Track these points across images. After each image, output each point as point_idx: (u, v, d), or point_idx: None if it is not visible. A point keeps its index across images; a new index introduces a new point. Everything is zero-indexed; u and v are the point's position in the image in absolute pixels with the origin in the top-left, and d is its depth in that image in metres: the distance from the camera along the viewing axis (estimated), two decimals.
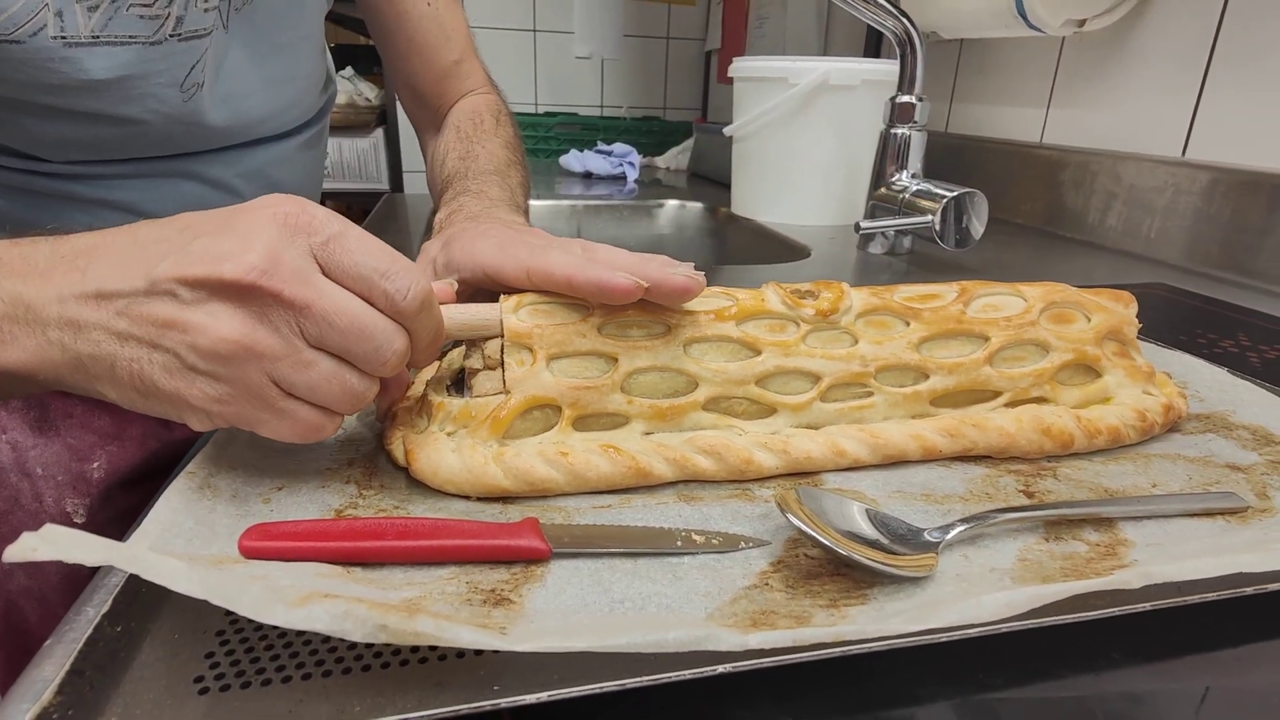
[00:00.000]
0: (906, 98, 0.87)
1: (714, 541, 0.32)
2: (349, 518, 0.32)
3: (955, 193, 0.79)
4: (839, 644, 0.25)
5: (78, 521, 0.49)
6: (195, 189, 0.57)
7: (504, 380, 0.36)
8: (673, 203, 1.34)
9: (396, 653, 0.25)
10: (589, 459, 0.35)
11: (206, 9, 0.49)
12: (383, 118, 2.14)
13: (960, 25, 1.07)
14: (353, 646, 0.26)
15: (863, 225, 0.85)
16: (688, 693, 0.26)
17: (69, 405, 0.51)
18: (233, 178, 0.59)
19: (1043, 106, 1.08)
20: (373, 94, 2.11)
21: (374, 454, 0.38)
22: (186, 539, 0.29)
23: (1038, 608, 0.26)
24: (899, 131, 0.88)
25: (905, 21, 0.84)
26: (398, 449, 0.36)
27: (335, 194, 2.08)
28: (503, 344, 0.36)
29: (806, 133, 1.05)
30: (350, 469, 0.36)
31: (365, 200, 2.03)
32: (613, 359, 0.36)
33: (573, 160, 1.71)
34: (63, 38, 0.43)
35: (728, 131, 1.14)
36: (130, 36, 0.46)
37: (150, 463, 0.54)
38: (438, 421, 0.36)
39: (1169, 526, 0.34)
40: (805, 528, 0.29)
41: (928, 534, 0.31)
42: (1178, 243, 0.87)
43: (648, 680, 0.24)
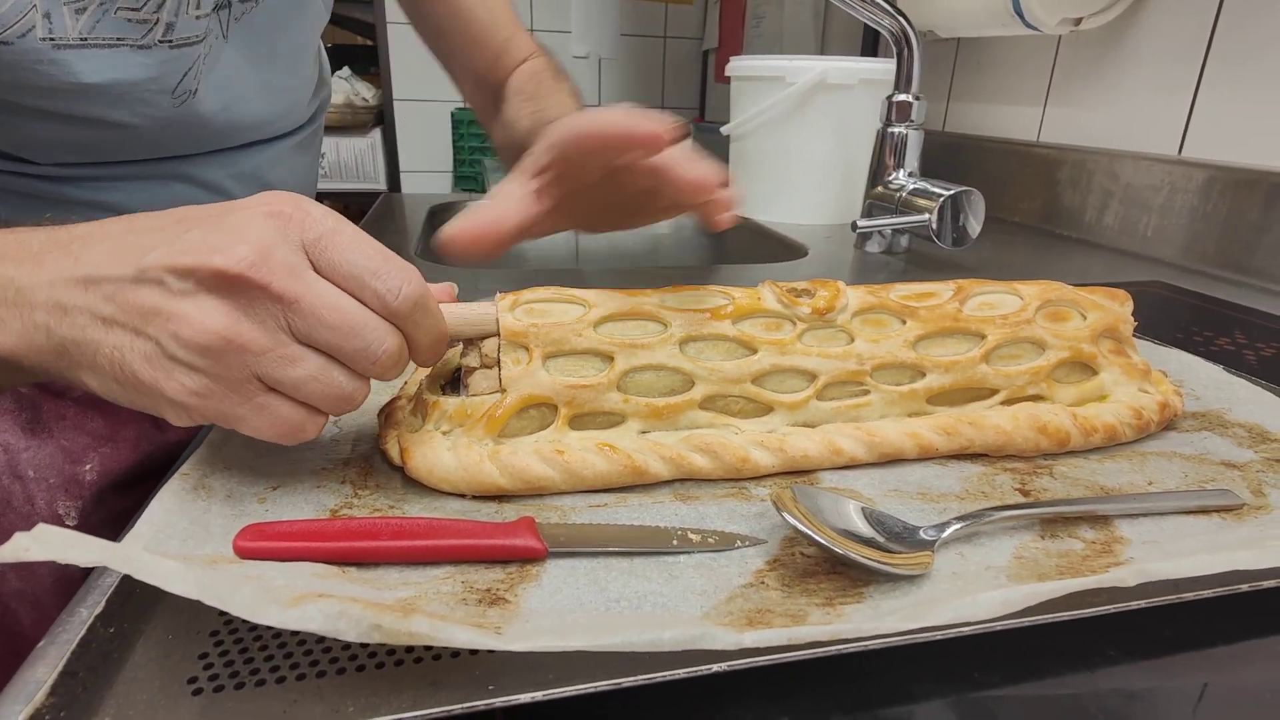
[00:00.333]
0: (903, 96, 0.87)
1: (710, 540, 0.32)
2: (344, 517, 0.32)
3: (952, 191, 0.79)
4: (835, 642, 0.25)
5: (70, 524, 0.49)
6: (186, 191, 0.57)
7: (500, 379, 0.36)
8: None
9: (391, 653, 0.25)
10: (585, 457, 0.35)
11: (199, 16, 0.49)
12: (380, 118, 2.14)
13: (957, 24, 1.07)
14: (347, 646, 0.26)
15: (860, 224, 0.85)
16: (683, 691, 0.26)
17: (61, 407, 0.51)
18: (225, 179, 0.59)
19: (1039, 105, 1.08)
20: (370, 94, 2.10)
21: (370, 453, 0.38)
22: (181, 540, 0.29)
23: (1033, 605, 0.26)
24: (896, 130, 0.88)
25: (902, 20, 0.84)
26: (393, 448, 0.36)
27: (332, 194, 2.08)
28: (499, 343, 0.36)
29: (804, 132, 1.05)
30: (346, 468, 0.36)
31: (363, 200, 2.03)
32: (609, 358, 0.36)
33: None
34: (51, 39, 0.43)
35: (725, 130, 1.14)
36: (118, 39, 0.45)
37: (144, 465, 0.54)
38: (433, 420, 0.36)
39: (1165, 524, 0.34)
40: (801, 526, 0.29)
41: (923, 532, 0.31)
42: (1174, 241, 0.87)
43: (643, 679, 0.24)
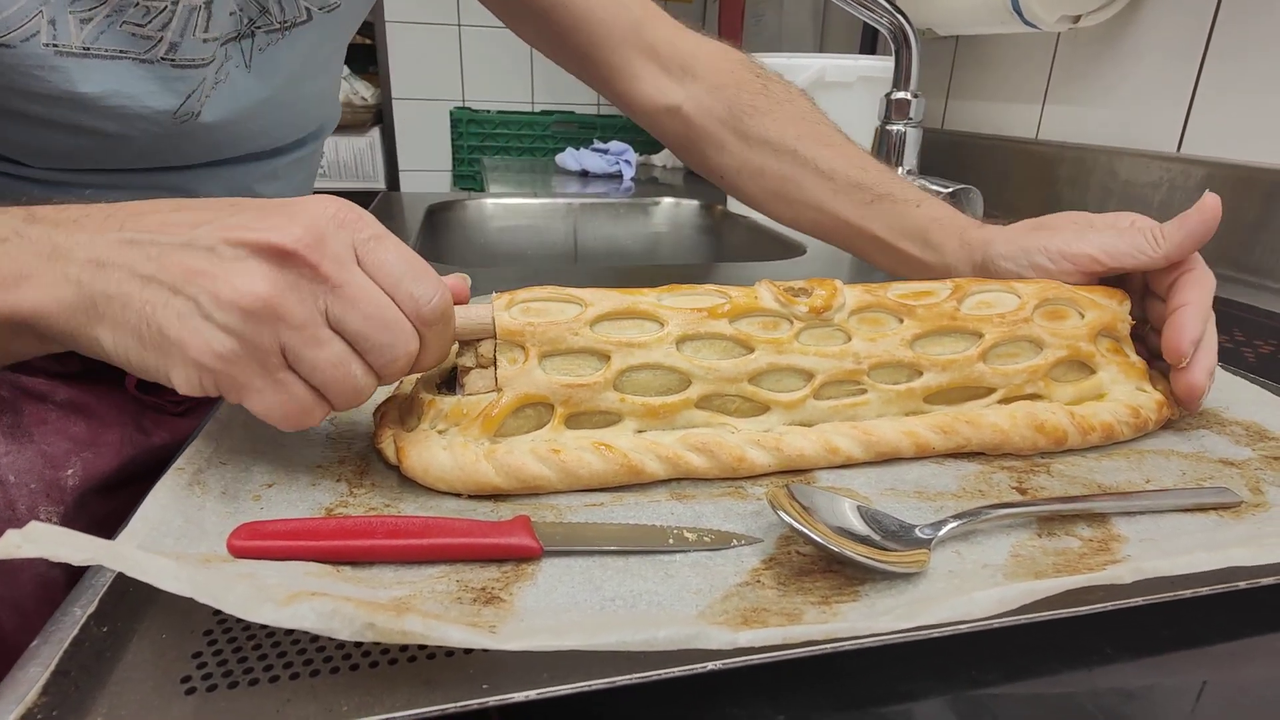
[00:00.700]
0: (902, 94, 0.87)
1: (706, 539, 0.31)
2: (339, 516, 0.32)
3: (951, 189, 0.79)
4: (830, 641, 0.25)
5: None
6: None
7: (496, 378, 0.35)
8: (668, 200, 1.33)
9: (385, 652, 0.25)
10: (581, 456, 0.35)
11: (206, 40, 0.48)
12: (379, 117, 2.14)
13: (956, 22, 1.07)
14: (341, 646, 0.25)
15: None
16: (679, 690, 0.25)
17: (43, 411, 0.51)
18: (219, 192, 0.58)
19: (1038, 103, 1.08)
20: (369, 93, 2.10)
21: (366, 452, 0.38)
22: (175, 538, 0.29)
23: (1030, 604, 0.26)
24: (894, 128, 0.88)
25: (900, 18, 0.84)
26: (388, 447, 0.36)
27: (331, 193, 2.07)
28: (495, 342, 0.36)
29: None
30: (342, 467, 0.36)
31: (362, 199, 2.02)
32: (605, 357, 0.36)
33: (569, 158, 1.71)
34: (54, 46, 0.43)
35: None
36: (121, 51, 0.45)
37: (126, 469, 0.53)
38: (429, 419, 0.36)
39: (1162, 522, 0.34)
40: (797, 524, 0.29)
41: (920, 530, 0.31)
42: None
43: (638, 678, 0.24)
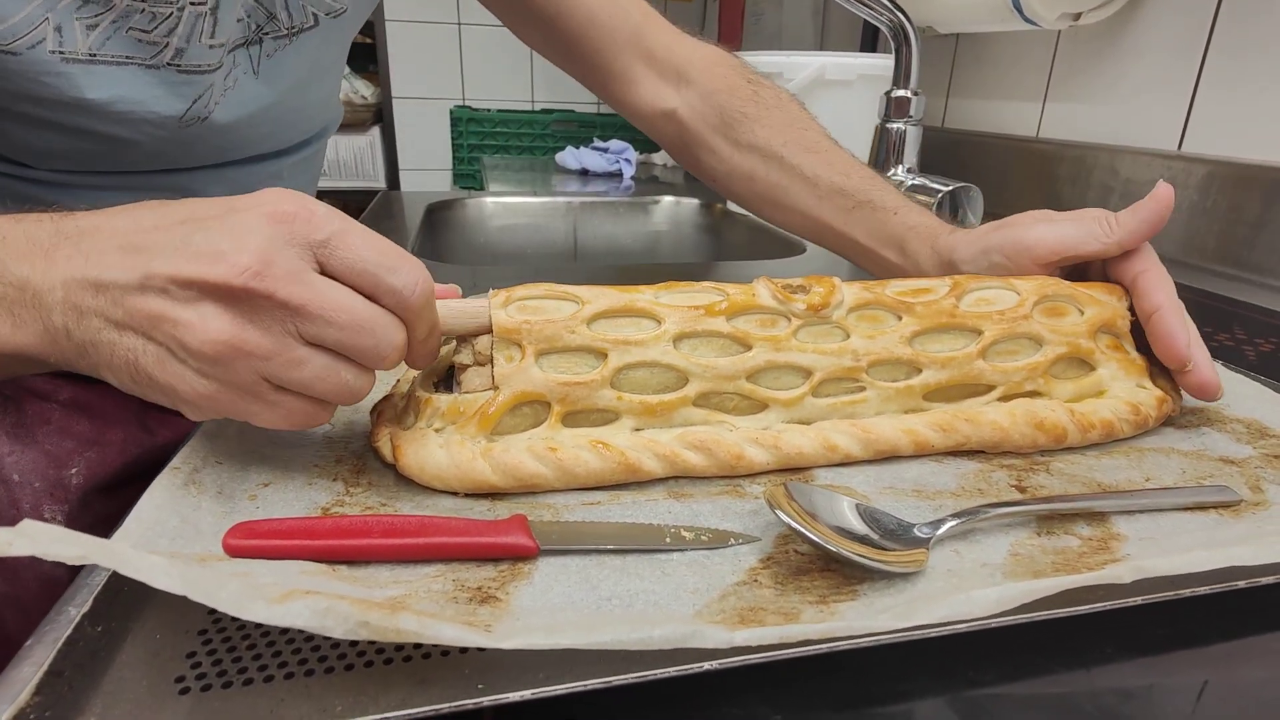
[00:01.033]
0: (902, 92, 0.86)
1: (703, 538, 0.31)
2: (335, 515, 0.32)
3: (951, 187, 0.79)
4: (828, 640, 0.25)
5: None
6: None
7: (493, 376, 0.35)
8: (668, 199, 1.33)
9: (380, 651, 0.25)
10: (578, 455, 0.35)
11: (212, 46, 0.48)
12: (379, 116, 2.14)
13: (956, 19, 1.07)
14: (336, 645, 0.25)
15: None
16: (675, 691, 0.25)
17: (47, 411, 0.51)
18: (224, 193, 0.58)
19: (1039, 101, 1.07)
20: (369, 92, 2.10)
21: (362, 451, 0.38)
22: (170, 538, 0.29)
23: (1029, 603, 0.26)
24: (894, 126, 0.87)
25: (901, 16, 0.84)
26: (385, 446, 0.36)
27: (331, 192, 2.08)
28: (492, 339, 0.36)
29: None
30: (338, 466, 0.36)
31: (362, 198, 2.02)
32: (602, 355, 0.36)
33: (569, 157, 1.70)
34: (60, 53, 0.43)
35: None
36: (127, 57, 0.45)
37: (130, 468, 0.54)
38: (425, 418, 0.35)
39: (1162, 520, 0.33)
40: (794, 524, 0.28)
41: (918, 529, 0.31)
42: (1174, 236, 0.87)
43: (633, 678, 0.24)
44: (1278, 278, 0.77)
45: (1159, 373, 0.44)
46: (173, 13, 0.45)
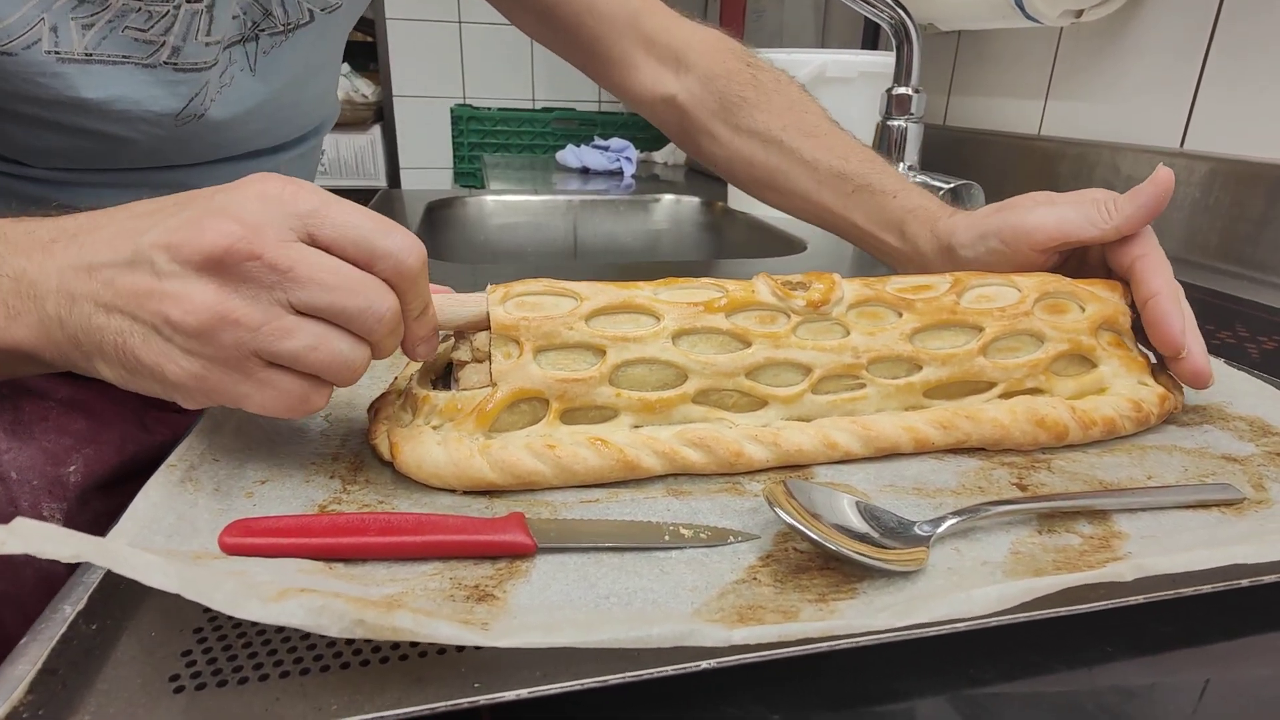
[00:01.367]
0: (903, 89, 0.86)
1: (702, 536, 0.31)
2: (332, 513, 0.32)
3: (952, 185, 0.79)
4: (827, 639, 0.25)
5: None
6: None
7: (490, 373, 0.35)
8: (669, 197, 1.33)
9: (376, 650, 0.25)
10: (577, 452, 0.34)
11: (208, 44, 0.48)
12: (379, 114, 2.14)
13: (958, 17, 1.07)
14: (332, 644, 0.25)
15: None
16: (673, 689, 0.25)
17: (44, 408, 0.51)
18: None
19: (1041, 98, 1.07)
20: (370, 91, 2.10)
21: (359, 448, 0.38)
22: (166, 535, 0.29)
23: (1030, 601, 0.26)
24: (896, 124, 0.87)
25: (902, 13, 0.84)
26: (382, 443, 0.36)
27: (332, 191, 2.07)
28: (490, 336, 0.35)
29: None
30: (335, 463, 0.36)
31: (362, 197, 2.02)
32: (601, 351, 0.36)
33: (570, 155, 1.70)
34: (56, 53, 0.43)
35: None
36: (124, 56, 0.45)
37: (128, 466, 0.53)
38: (423, 415, 0.35)
39: (1164, 519, 0.33)
40: (794, 522, 0.28)
41: (918, 527, 0.31)
42: (1176, 234, 0.87)
43: (631, 677, 0.24)
44: None
45: (1160, 370, 0.44)
46: (168, 11, 0.45)
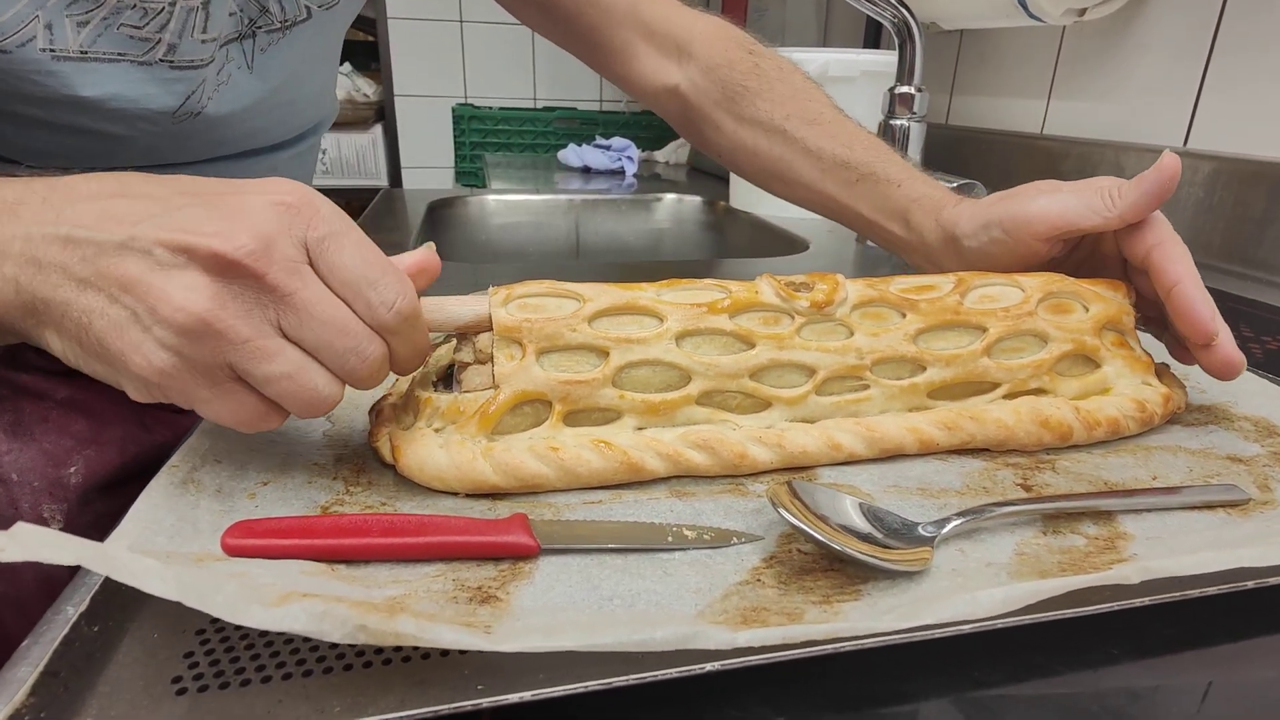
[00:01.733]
0: (905, 88, 0.86)
1: (706, 537, 0.31)
2: (334, 514, 0.32)
3: (954, 184, 0.78)
4: (831, 641, 0.25)
5: (55, 528, 0.48)
6: None
7: (493, 375, 0.35)
8: (671, 197, 1.33)
9: (379, 652, 0.25)
10: (580, 454, 0.34)
11: (205, 41, 0.48)
12: (381, 114, 2.14)
13: (960, 15, 1.06)
14: (335, 646, 0.25)
15: None
16: (676, 692, 0.25)
17: (44, 409, 0.51)
18: None
19: (1044, 97, 1.07)
20: (371, 90, 2.10)
21: (363, 450, 0.38)
22: (168, 536, 0.29)
23: (1035, 603, 0.26)
24: (898, 123, 0.87)
25: (905, 12, 0.84)
26: (384, 446, 0.35)
27: (333, 190, 2.08)
28: (492, 338, 0.35)
29: None
30: (338, 465, 0.36)
31: (364, 196, 2.02)
32: (604, 353, 0.36)
33: (571, 155, 1.70)
34: (51, 50, 0.42)
35: None
36: (119, 54, 0.45)
37: (129, 467, 0.53)
38: (425, 417, 0.35)
39: (1169, 519, 0.33)
40: (797, 522, 0.28)
41: (923, 528, 0.31)
42: (1180, 233, 0.86)
43: (634, 680, 0.24)
44: None
45: (1165, 370, 0.44)
46: (164, 8, 0.45)
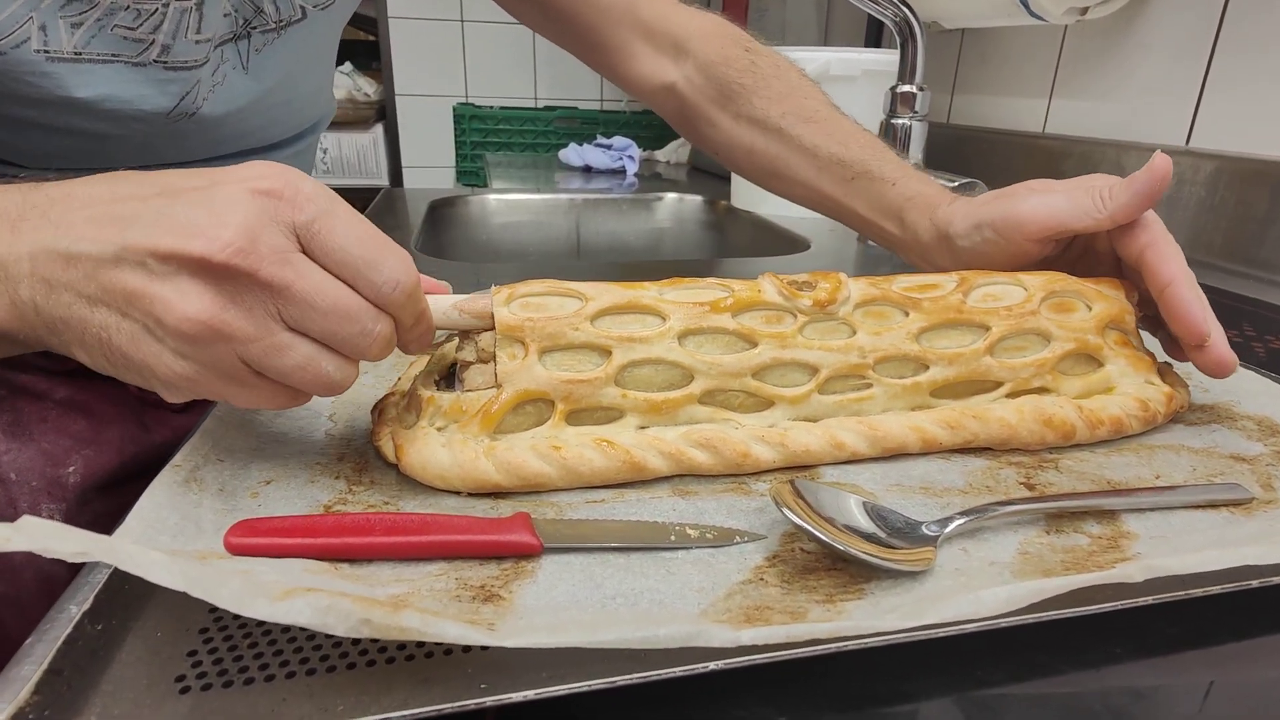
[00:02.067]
0: (907, 87, 0.86)
1: (708, 536, 0.31)
2: (337, 513, 0.32)
3: (955, 183, 0.78)
4: (834, 640, 0.25)
5: None
6: None
7: (496, 374, 0.35)
8: (672, 196, 1.33)
9: (383, 650, 0.25)
10: (582, 453, 0.34)
11: (198, 41, 0.48)
12: (382, 113, 2.14)
13: (962, 14, 1.06)
14: (338, 645, 0.25)
15: None
16: (679, 691, 0.25)
17: (43, 409, 0.51)
18: None
19: (1045, 96, 1.07)
20: (372, 89, 2.10)
21: (365, 449, 0.38)
22: (171, 535, 0.29)
23: (1038, 602, 0.26)
24: (900, 122, 0.87)
25: (906, 11, 0.84)
26: (387, 445, 0.35)
27: (334, 190, 2.07)
28: (495, 337, 0.35)
29: None
30: (340, 464, 0.36)
31: (365, 196, 2.02)
32: (606, 352, 0.36)
33: (572, 154, 1.70)
34: (45, 52, 0.42)
35: None
36: (114, 55, 0.45)
37: (128, 467, 0.53)
38: (427, 417, 0.35)
39: (1172, 518, 0.33)
40: (800, 521, 0.28)
41: (926, 527, 0.31)
42: (1181, 233, 0.86)
43: (637, 678, 0.24)
44: None
45: (1167, 370, 0.44)
46: (157, 9, 0.45)
